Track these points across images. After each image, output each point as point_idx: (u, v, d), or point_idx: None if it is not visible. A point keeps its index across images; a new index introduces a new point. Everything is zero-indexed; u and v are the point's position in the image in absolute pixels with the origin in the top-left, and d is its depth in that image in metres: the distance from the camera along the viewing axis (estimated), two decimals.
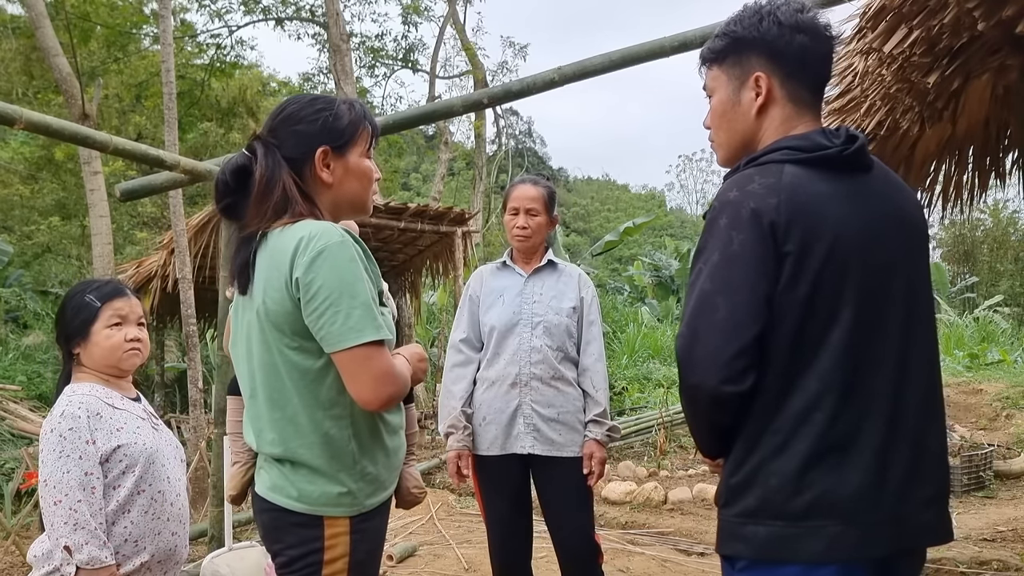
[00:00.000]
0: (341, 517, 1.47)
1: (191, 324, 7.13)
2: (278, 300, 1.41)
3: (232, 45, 15.87)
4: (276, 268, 1.41)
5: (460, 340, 2.69)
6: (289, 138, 1.51)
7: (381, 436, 1.54)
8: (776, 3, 1.36)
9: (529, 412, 2.54)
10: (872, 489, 1.20)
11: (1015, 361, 12.27)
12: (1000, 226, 23.29)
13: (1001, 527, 4.95)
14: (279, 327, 1.42)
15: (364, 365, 1.38)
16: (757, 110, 1.37)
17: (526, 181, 2.70)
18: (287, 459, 1.47)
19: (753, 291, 1.21)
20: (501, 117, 19.47)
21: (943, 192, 3.75)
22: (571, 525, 2.56)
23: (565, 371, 2.57)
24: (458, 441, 2.59)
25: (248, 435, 1.55)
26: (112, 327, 1.93)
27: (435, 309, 14.72)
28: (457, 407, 2.61)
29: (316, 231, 1.39)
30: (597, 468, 2.54)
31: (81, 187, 11.24)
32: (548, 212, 2.66)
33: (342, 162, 1.53)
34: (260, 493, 1.54)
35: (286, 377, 1.44)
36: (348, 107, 1.56)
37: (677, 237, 29.67)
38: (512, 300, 2.63)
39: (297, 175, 1.50)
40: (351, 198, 1.57)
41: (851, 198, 1.26)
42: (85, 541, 1.72)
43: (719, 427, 1.29)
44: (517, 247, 2.69)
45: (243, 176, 1.50)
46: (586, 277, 2.71)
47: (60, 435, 1.78)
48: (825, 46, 1.35)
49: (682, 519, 5.40)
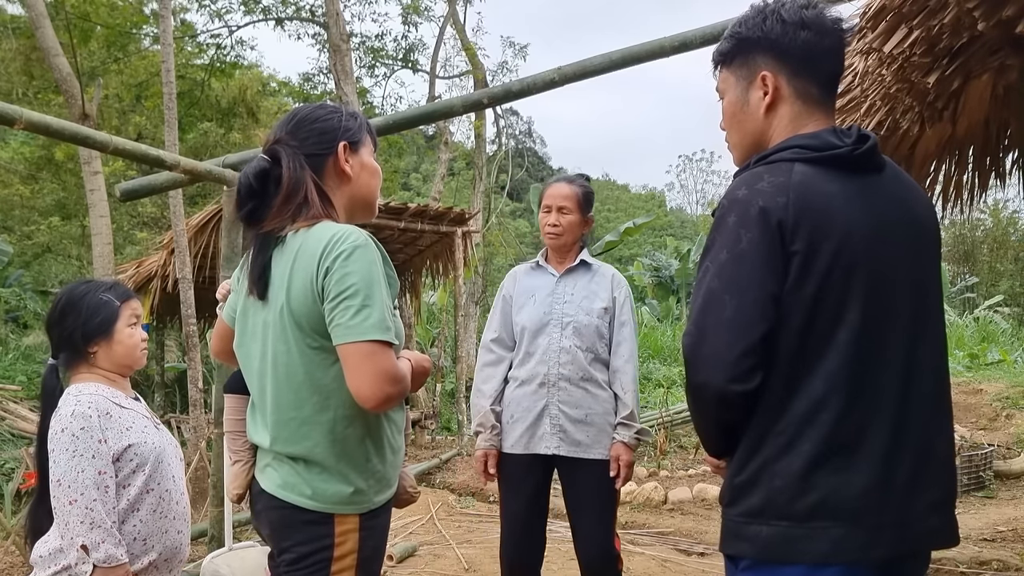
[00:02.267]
0: (351, 515, 1.51)
1: (191, 324, 7.13)
2: (301, 299, 1.45)
3: (232, 45, 15.84)
4: (302, 267, 1.45)
5: (491, 340, 2.70)
6: (311, 136, 1.57)
7: (389, 435, 1.59)
8: (778, 3, 1.35)
9: (556, 412, 2.53)
10: (877, 491, 1.19)
11: (1015, 361, 12.28)
12: (1000, 226, 23.29)
13: (1001, 527, 4.95)
14: (301, 326, 1.46)
15: (369, 360, 1.40)
16: (765, 109, 1.36)
17: (561, 180, 2.70)
18: (301, 457, 1.50)
19: (761, 290, 1.21)
20: (501, 117, 19.45)
21: (943, 192, 3.75)
22: (592, 529, 2.55)
23: (595, 372, 2.56)
24: (486, 440, 2.60)
25: (258, 434, 1.58)
26: (132, 326, 1.98)
27: (435, 309, 14.73)
28: (486, 406, 2.62)
29: (344, 231, 1.45)
30: (624, 471, 2.52)
31: (81, 187, 11.23)
32: (582, 211, 2.65)
33: (357, 159, 1.61)
34: (268, 491, 1.56)
35: (305, 377, 1.48)
36: (353, 113, 1.65)
37: (677, 237, 29.67)
38: (543, 300, 2.62)
39: (317, 173, 1.56)
40: (365, 195, 1.64)
41: (861, 198, 1.26)
42: (101, 540, 1.74)
43: (725, 426, 1.29)
44: (549, 245, 2.68)
45: (265, 180, 1.55)
46: (620, 277, 2.69)
47: (72, 434, 1.78)
48: (831, 40, 1.34)
49: (682, 519, 5.40)
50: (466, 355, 11.01)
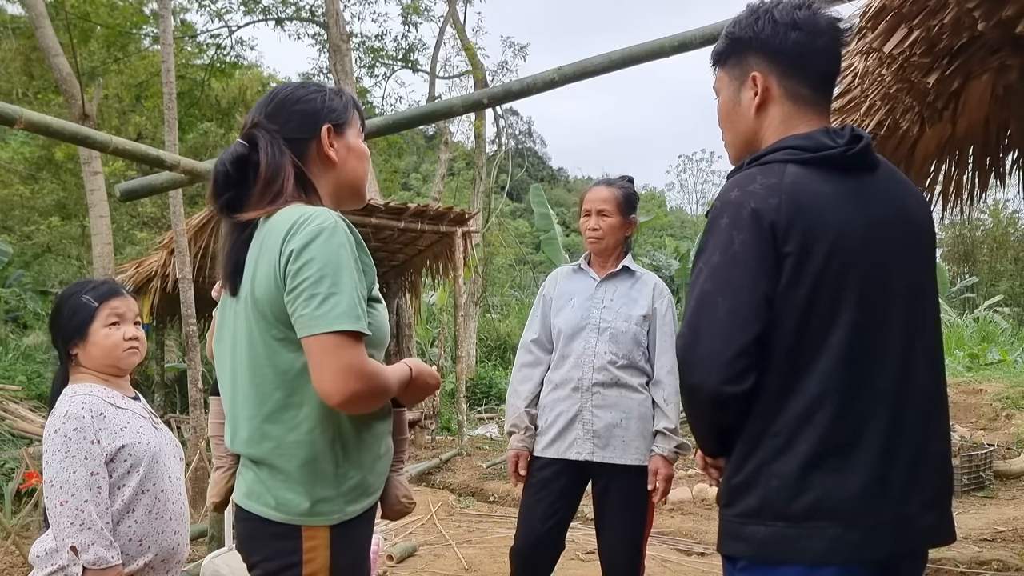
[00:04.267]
0: (320, 527, 1.36)
1: (191, 324, 7.13)
2: (265, 286, 1.33)
3: (232, 45, 15.86)
4: (266, 252, 1.34)
5: (531, 340, 2.67)
6: (292, 119, 1.45)
7: (367, 440, 1.44)
8: (772, 3, 1.35)
9: (589, 418, 2.49)
10: (873, 491, 1.20)
11: (1015, 361, 12.28)
12: (1000, 226, 23.32)
13: (1001, 527, 4.95)
14: (264, 315, 1.34)
15: (331, 354, 1.26)
16: (756, 109, 1.37)
17: (600, 183, 2.65)
18: (263, 462, 1.38)
19: (754, 291, 1.21)
20: (501, 117, 19.45)
21: (943, 192, 3.75)
22: (617, 540, 2.50)
23: (630, 379, 2.50)
24: (519, 441, 2.58)
25: (226, 436, 1.46)
26: (110, 326, 1.93)
27: (435, 309, 14.73)
28: (521, 407, 2.59)
29: (310, 214, 1.32)
30: (662, 485, 2.45)
31: (81, 187, 11.24)
32: (623, 213, 2.58)
33: (343, 141, 1.49)
34: (236, 501, 1.44)
35: (269, 371, 1.35)
36: (337, 91, 1.54)
37: (677, 237, 29.65)
38: (581, 304, 2.59)
39: (300, 158, 1.44)
40: (353, 179, 1.52)
41: (854, 198, 1.26)
42: (91, 541, 1.72)
43: (720, 427, 1.30)
44: (591, 249, 2.64)
45: (243, 167, 1.43)
46: (663, 286, 2.63)
47: (65, 435, 1.77)
48: (824, 41, 1.33)
49: (682, 519, 5.40)
50: (466, 355, 11.00)
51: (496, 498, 6.04)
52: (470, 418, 10.00)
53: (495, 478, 6.63)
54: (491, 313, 19.09)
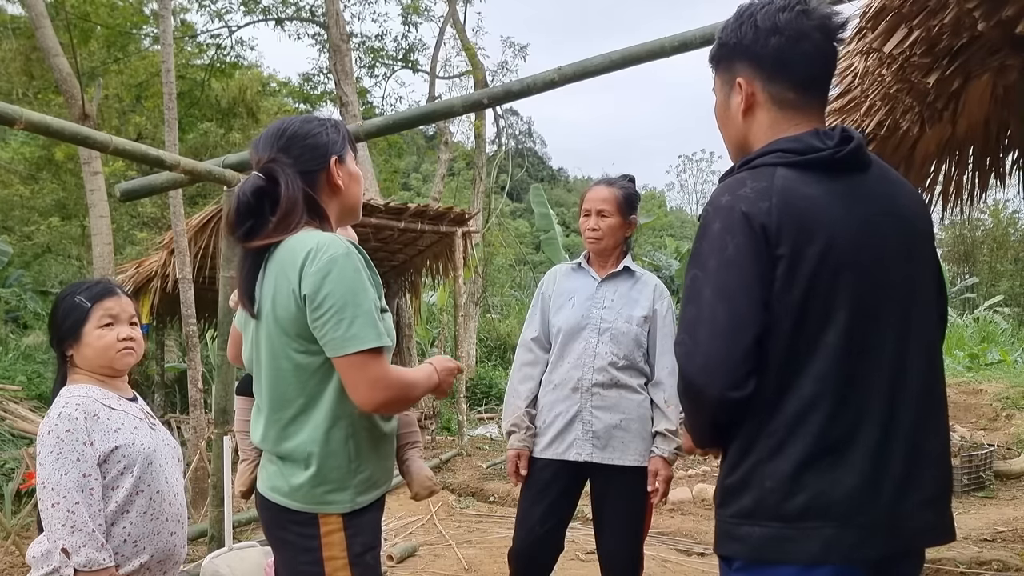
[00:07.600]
0: (334, 514, 1.55)
1: (191, 324, 7.13)
2: (285, 306, 1.51)
3: (232, 45, 15.86)
4: (284, 277, 1.51)
5: (531, 339, 2.65)
6: (304, 153, 1.61)
7: (376, 439, 1.63)
8: (759, 6, 1.34)
9: (589, 419, 2.48)
10: (867, 491, 1.20)
11: (1015, 361, 12.29)
12: (1000, 226, 23.32)
13: (1001, 527, 4.95)
14: (286, 331, 1.52)
15: (361, 371, 1.47)
16: (742, 114, 1.38)
17: (601, 182, 2.64)
18: (285, 457, 1.57)
19: (750, 295, 1.21)
20: (501, 117, 19.43)
21: (943, 192, 3.75)
22: (617, 540, 2.51)
23: (629, 379, 2.50)
24: (519, 441, 2.57)
25: (253, 433, 1.66)
26: (103, 327, 1.91)
27: (435, 309, 14.73)
28: (521, 407, 2.58)
29: (324, 242, 1.49)
30: (662, 486, 2.45)
31: (81, 187, 11.24)
32: (623, 214, 2.57)
33: (345, 169, 1.67)
34: (260, 490, 1.63)
35: (291, 378, 1.54)
36: (334, 123, 1.71)
37: (677, 237, 29.65)
38: (581, 303, 2.57)
39: (311, 187, 1.61)
40: (354, 202, 1.71)
41: (845, 199, 1.26)
42: (83, 543, 1.71)
43: (719, 426, 1.30)
44: (591, 249, 2.63)
45: (263, 198, 1.58)
46: (663, 288, 2.62)
47: (57, 437, 1.77)
48: (808, 44, 1.31)
49: (682, 519, 5.40)
50: (466, 355, 11.01)
51: (496, 498, 6.04)
52: (470, 418, 10.00)
53: (495, 478, 6.62)
54: (491, 313, 19.09)
